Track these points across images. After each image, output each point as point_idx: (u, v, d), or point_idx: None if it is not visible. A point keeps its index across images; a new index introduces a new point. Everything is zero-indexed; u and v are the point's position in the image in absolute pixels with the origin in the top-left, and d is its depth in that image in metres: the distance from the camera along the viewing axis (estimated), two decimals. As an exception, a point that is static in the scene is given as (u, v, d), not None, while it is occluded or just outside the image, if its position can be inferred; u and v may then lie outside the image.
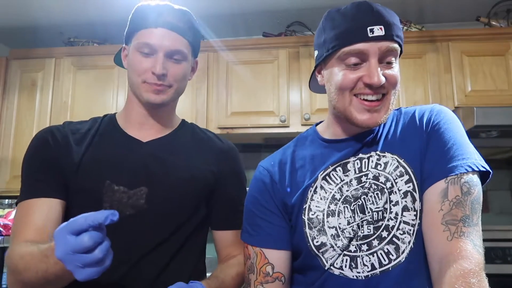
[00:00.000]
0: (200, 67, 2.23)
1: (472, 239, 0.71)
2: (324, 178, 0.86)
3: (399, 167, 0.82)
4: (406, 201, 0.80)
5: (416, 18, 2.32)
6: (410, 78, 2.09)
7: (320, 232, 0.83)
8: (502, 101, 2.00)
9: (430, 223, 0.76)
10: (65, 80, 2.31)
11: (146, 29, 0.92)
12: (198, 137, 1.05)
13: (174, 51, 0.92)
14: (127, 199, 0.89)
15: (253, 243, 0.88)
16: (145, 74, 0.92)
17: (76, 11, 2.24)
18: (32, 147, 0.95)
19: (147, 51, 0.92)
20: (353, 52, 0.79)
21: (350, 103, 0.82)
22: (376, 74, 0.78)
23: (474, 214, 0.73)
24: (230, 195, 1.02)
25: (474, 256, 0.69)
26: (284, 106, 2.14)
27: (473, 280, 0.65)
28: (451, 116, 0.84)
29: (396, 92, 0.83)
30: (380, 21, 0.79)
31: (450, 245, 0.71)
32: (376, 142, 0.86)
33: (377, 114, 0.81)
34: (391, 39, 0.79)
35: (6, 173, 2.23)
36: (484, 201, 2.40)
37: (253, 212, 0.90)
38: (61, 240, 0.61)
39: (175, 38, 0.93)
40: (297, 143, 0.96)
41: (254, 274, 0.87)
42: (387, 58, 0.80)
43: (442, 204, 0.75)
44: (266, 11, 2.31)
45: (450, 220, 0.73)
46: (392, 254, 0.79)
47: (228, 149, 1.05)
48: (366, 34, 0.78)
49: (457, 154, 0.77)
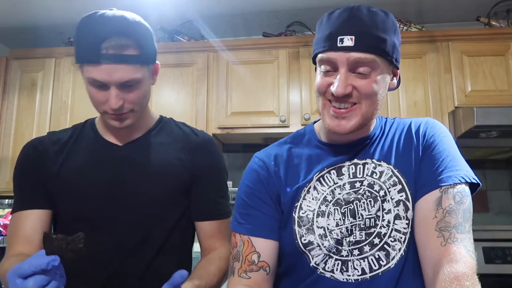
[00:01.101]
0: (200, 67, 2.24)
1: (465, 245, 0.73)
2: (318, 179, 0.87)
3: (392, 176, 0.84)
4: (398, 210, 0.82)
5: (416, 18, 2.32)
6: (410, 78, 2.09)
7: (308, 231, 0.84)
8: (502, 101, 2.00)
9: (424, 229, 0.78)
10: (65, 80, 2.31)
11: (91, 65, 0.87)
12: (173, 134, 1.06)
13: (126, 82, 0.88)
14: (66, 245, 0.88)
15: (241, 231, 0.88)
16: (103, 106, 0.91)
17: (76, 11, 2.23)
18: (17, 162, 1.03)
19: (98, 85, 0.89)
20: (324, 59, 0.81)
21: (324, 106, 0.84)
22: (340, 85, 0.78)
23: (466, 222, 0.76)
24: (209, 187, 1.04)
25: (467, 260, 0.71)
26: (284, 106, 2.14)
27: (467, 283, 0.67)
28: (444, 130, 0.88)
29: (374, 102, 0.81)
30: (352, 31, 0.77)
31: (443, 250, 0.73)
32: (373, 150, 0.88)
33: (346, 122, 0.81)
34: (362, 50, 0.77)
35: (6, 173, 2.24)
36: (484, 201, 2.42)
37: (245, 202, 0.91)
38: (11, 283, 0.68)
39: (123, 69, 0.87)
40: (293, 140, 0.96)
41: (239, 262, 0.86)
42: (358, 69, 0.78)
43: (436, 211, 0.77)
44: (266, 11, 2.31)
45: (444, 226, 0.75)
46: (383, 260, 0.81)
47: (203, 143, 1.06)
48: (335, 43, 0.78)
49: (451, 166, 0.80)
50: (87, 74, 0.89)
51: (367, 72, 0.79)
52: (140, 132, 1.03)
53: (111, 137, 1.02)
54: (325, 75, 0.82)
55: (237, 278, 0.85)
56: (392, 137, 0.89)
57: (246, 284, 0.84)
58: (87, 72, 0.88)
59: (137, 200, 0.97)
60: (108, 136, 1.02)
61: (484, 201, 2.33)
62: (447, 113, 2.03)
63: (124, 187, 0.97)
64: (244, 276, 0.85)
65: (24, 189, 1.00)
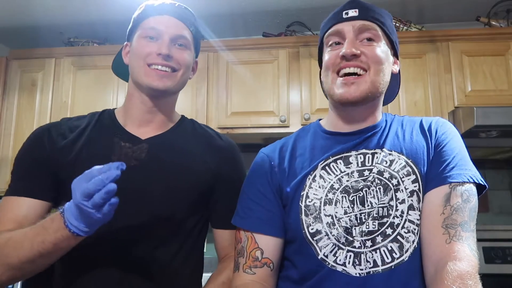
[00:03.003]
0: (200, 67, 2.24)
1: (469, 244, 0.74)
2: (323, 168, 0.87)
3: (406, 166, 0.84)
4: (412, 200, 0.81)
5: (416, 18, 2.32)
6: (410, 78, 2.09)
7: (316, 220, 0.83)
8: (502, 101, 2.00)
9: (431, 225, 0.78)
10: (65, 80, 2.31)
11: (152, 16, 0.95)
12: (197, 134, 1.04)
13: (179, 35, 0.95)
14: (131, 153, 0.93)
15: (243, 226, 0.89)
16: (150, 56, 0.92)
17: (76, 11, 2.24)
18: (26, 145, 0.95)
19: (152, 34, 0.93)
20: (332, 33, 0.89)
21: (333, 81, 0.87)
22: (349, 46, 0.85)
23: (471, 221, 0.77)
24: (230, 194, 1.01)
25: (471, 258, 0.72)
26: (284, 106, 2.14)
27: (470, 282, 0.68)
28: (454, 129, 0.90)
29: (381, 71, 0.87)
30: (355, 6, 0.89)
31: (448, 248, 0.74)
32: (383, 140, 0.88)
33: (356, 87, 0.85)
34: (366, 19, 0.87)
35: (6, 173, 2.24)
36: (484, 201, 2.42)
37: (247, 195, 0.91)
38: (77, 188, 0.69)
39: (180, 25, 0.96)
40: (299, 133, 0.98)
41: (243, 258, 0.87)
42: (363, 34, 0.87)
43: (444, 208, 0.78)
44: (266, 11, 2.31)
45: (450, 224, 0.76)
46: (396, 253, 0.79)
47: (228, 147, 1.04)
48: (341, 16, 0.89)
49: (461, 164, 0.82)
50: (144, 26, 0.95)
51: (372, 36, 0.87)
52: (163, 127, 1.00)
53: (134, 129, 0.97)
54: (333, 49, 0.89)
55: (242, 273, 0.86)
56: (403, 130, 0.90)
57: (251, 279, 0.84)
58: (146, 24, 0.95)
59: (157, 200, 0.91)
60: (130, 128, 0.97)
61: (484, 201, 2.33)
62: (447, 113, 2.03)
63: (146, 183, 0.91)
64: (249, 271, 0.85)
65: (26, 175, 0.91)
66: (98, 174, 0.68)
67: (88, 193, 0.67)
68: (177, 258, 0.93)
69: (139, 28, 0.96)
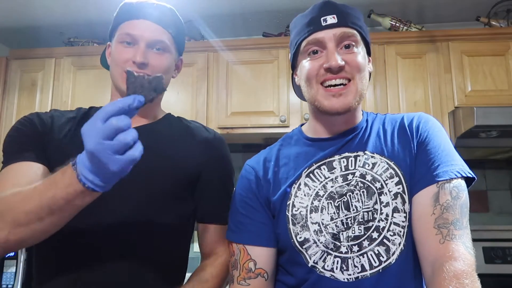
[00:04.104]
0: (200, 67, 2.24)
1: (464, 242, 0.73)
2: (308, 175, 0.87)
3: (389, 169, 0.84)
4: (396, 203, 0.81)
5: (416, 18, 2.32)
6: (410, 78, 2.09)
7: (303, 228, 0.83)
8: (502, 101, 2.00)
9: (423, 226, 0.78)
10: (65, 80, 2.31)
11: (128, 21, 0.93)
12: (183, 126, 1.03)
13: (156, 41, 0.93)
14: (148, 83, 0.82)
15: (235, 239, 0.89)
16: (126, 64, 0.91)
17: (76, 11, 2.24)
18: (17, 125, 0.93)
19: (128, 40, 0.92)
20: (311, 41, 0.86)
21: (317, 92, 0.86)
22: (333, 57, 0.83)
23: (464, 217, 0.76)
24: (217, 188, 1.00)
25: (466, 257, 0.71)
26: (284, 106, 2.14)
27: (467, 281, 0.67)
28: (437, 124, 0.89)
29: (364, 78, 0.86)
30: (332, 11, 0.86)
31: (442, 248, 0.73)
32: (364, 143, 0.88)
33: (344, 98, 0.84)
34: (345, 26, 0.85)
35: (6, 173, 2.24)
36: (484, 201, 2.42)
37: (237, 209, 0.92)
38: (90, 131, 0.60)
39: (156, 29, 0.93)
40: (283, 142, 0.98)
41: (237, 270, 0.87)
42: (344, 42, 0.85)
43: (434, 208, 0.77)
44: (266, 11, 2.31)
45: (442, 223, 0.75)
46: (383, 256, 0.79)
47: (214, 139, 1.03)
48: (320, 23, 0.86)
49: (446, 160, 0.81)
50: (121, 31, 0.93)
51: (353, 43, 0.85)
52: (147, 119, 0.99)
53: None
54: (313, 59, 0.86)
55: (237, 285, 0.86)
56: (384, 130, 0.90)
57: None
58: (122, 29, 0.93)
59: (141, 191, 0.89)
60: None
61: (484, 201, 2.32)
62: (447, 113, 2.03)
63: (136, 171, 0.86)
64: (243, 283, 0.86)
65: (21, 147, 0.88)
66: (115, 112, 0.60)
67: (109, 133, 0.58)
68: (161, 250, 0.91)
69: (117, 31, 0.95)
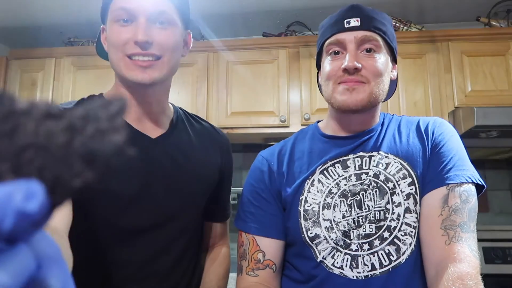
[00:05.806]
0: (200, 67, 2.24)
1: (469, 244, 0.74)
2: (321, 172, 0.88)
3: (402, 169, 0.84)
4: (408, 203, 0.82)
5: (416, 18, 2.32)
6: (410, 78, 2.09)
7: (314, 224, 0.84)
8: (502, 101, 2.00)
9: (430, 227, 0.78)
10: (65, 80, 2.31)
11: None
12: (197, 129, 0.98)
13: (158, 12, 0.76)
14: None
15: (245, 229, 0.90)
16: (126, 46, 0.76)
17: (76, 11, 2.24)
18: None
19: (125, 16, 0.76)
20: (333, 42, 0.87)
21: (334, 90, 0.86)
22: (350, 59, 0.83)
23: (471, 221, 0.77)
24: (226, 189, 1.02)
25: (471, 259, 0.72)
26: (284, 106, 2.14)
27: (471, 283, 0.68)
28: (452, 129, 0.89)
29: (380, 83, 0.85)
30: (357, 15, 0.86)
31: (448, 249, 0.74)
32: (379, 143, 0.88)
33: (356, 94, 0.84)
34: (368, 29, 0.85)
35: (6, 173, 2.24)
36: (484, 201, 2.42)
37: (248, 200, 0.92)
38: None
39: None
40: (298, 136, 0.99)
41: (246, 261, 0.88)
42: (365, 45, 0.85)
43: (442, 209, 0.77)
44: (266, 11, 2.30)
45: (449, 225, 0.76)
46: (393, 255, 0.80)
47: (227, 142, 1.03)
48: (343, 25, 0.86)
49: (459, 165, 0.81)
50: (114, 7, 0.77)
51: (373, 47, 0.85)
52: (162, 123, 0.90)
53: (136, 124, 0.85)
54: (334, 59, 0.87)
55: (246, 276, 0.87)
56: (399, 132, 0.90)
57: (254, 281, 0.85)
58: (116, 4, 0.77)
59: (172, 199, 0.85)
60: (136, 125, 0.85)
61: (484, 201, 2.33)
62: (447, 113, 2.03)
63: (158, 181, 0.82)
64: (252, 274, 0.87)
65: None
66: None
67: None
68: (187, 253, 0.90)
69: (109, 9, 0.79)
